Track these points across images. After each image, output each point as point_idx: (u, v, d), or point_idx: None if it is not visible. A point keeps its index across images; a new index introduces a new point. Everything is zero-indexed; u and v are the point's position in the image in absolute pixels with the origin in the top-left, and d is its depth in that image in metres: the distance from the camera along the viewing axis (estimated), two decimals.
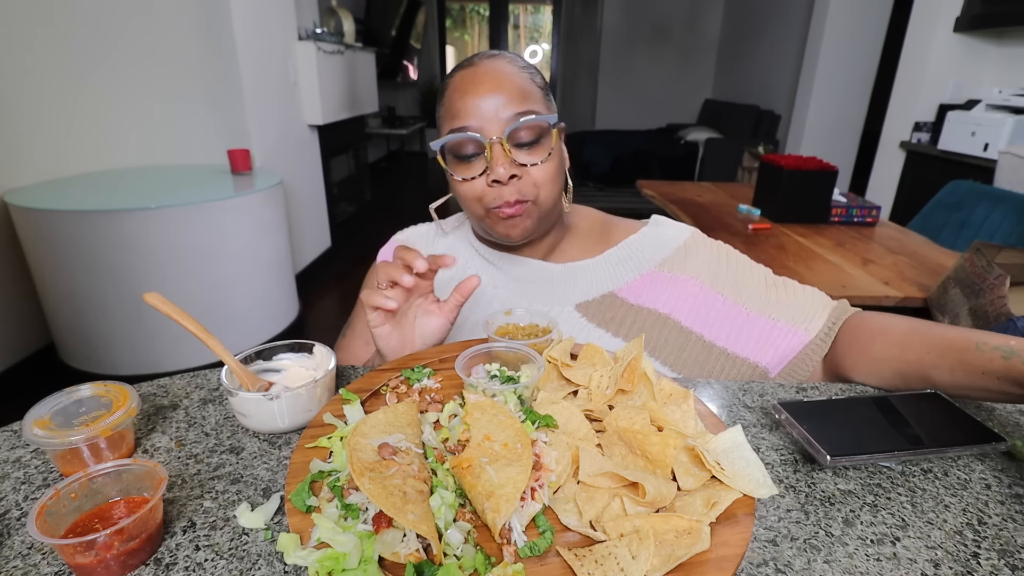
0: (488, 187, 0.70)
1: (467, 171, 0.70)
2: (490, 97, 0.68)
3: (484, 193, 0.70)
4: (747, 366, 0.75)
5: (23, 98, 2.13)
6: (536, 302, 0.79)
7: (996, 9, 2.65)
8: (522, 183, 0.69)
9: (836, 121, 4.21)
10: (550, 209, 0.73)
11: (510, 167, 0.68)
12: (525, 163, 0.69)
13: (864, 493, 0.49)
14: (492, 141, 0.67)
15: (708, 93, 6.76)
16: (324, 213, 3.62)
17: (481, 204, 0.71)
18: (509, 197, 0.69)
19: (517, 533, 0.40)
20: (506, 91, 0.68)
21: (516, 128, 0.67)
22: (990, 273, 1.23)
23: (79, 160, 2.43)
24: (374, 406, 0.56)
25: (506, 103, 0.68)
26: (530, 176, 0.70)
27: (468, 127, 0.68)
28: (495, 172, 0.67)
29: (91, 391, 0.54)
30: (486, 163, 0.69)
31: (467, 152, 0.69)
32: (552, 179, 0.71)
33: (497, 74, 0.69)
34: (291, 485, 0.44)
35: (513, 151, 0.68)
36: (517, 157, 0.69)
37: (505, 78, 0.69)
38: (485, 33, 7.88)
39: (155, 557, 0.42)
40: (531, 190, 0.70)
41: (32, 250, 2.06)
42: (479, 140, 0.67)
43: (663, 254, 0.81)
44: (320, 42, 3.13)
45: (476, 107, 0.68)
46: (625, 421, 0.48)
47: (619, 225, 0.88)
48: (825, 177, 1.98)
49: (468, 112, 0.68)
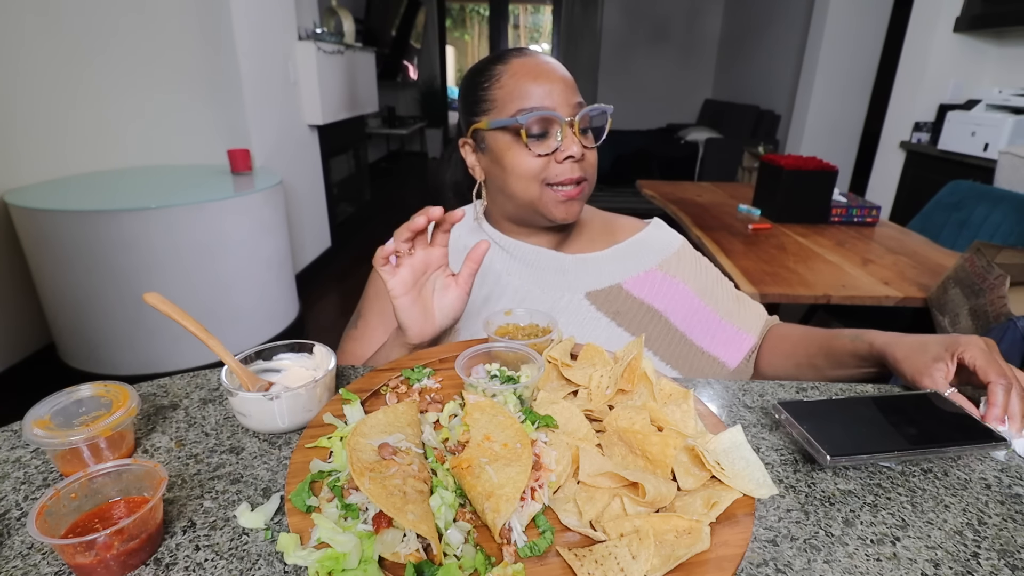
0: (558, 163, 0.75)
1: (539, 147, 0.75)
2: (559, 84, 0.75)
3: (548, 169, 0.76)
4: (713, 361, 0.86)
5: (23, 98, 2.13)
6: (549, 289, 0.83)
7: (996, 9, 2.65)
8: (583, 164, 0.76)
9: (836, 121, 4.21)
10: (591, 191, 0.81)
11: (579, 146, 0.75)
12: (587, 146, 0.77)
13: (864, 493, 0.49)
14: (570, 121, 0.74)
15: (708, 93, 6.76)
16: (324, 213, 3.62)
17: (539, 181, 0.76)
18: (574, 174, 0.75)
19: (517, 533, 0.40)
20: (568, 82, 0.77)
21: (586, 114, 0.75)
22: (990, 273, 1.23)
23: (79, 160, 2.43)
24: (374, 406, 0.56)
25: (572, 91, 0.76)
26: (587, 159, 0.77)
27: (544, 107, 0.74)
28: (570, 149, 0.74)
29: (91, 391, 0.54)
30: (556, 143, 0.75)
31: (540, 130, 0.75)
32: (596, 166, 0.80)
33: (558, 67, 0.78)
34: (291, 485, 0.44)
35: (578, 134, 0.76)
36: (582, 140, 0.76)
37: (564, 71, 0.78)
38: (485, 33, 7.88)
39: (155, 557, 0.42)
40: (589, 171, 0.78)
41: (32, 250, 2.06)
42: (558, 119, 0.74)
43: (663, 255, 0.89)
44: (320, 42, 3.13)
45: (550, 91, 0.74)
46: (625, 421, 0.48)
47: (623, 222, 0.94)
48: (825, 177, 1.98)
49: (543, 95, 0.74)
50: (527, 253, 0.85)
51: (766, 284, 1.43)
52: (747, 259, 1.61)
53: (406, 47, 6.46)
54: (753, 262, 1.59)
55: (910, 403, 0.58)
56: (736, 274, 1.49)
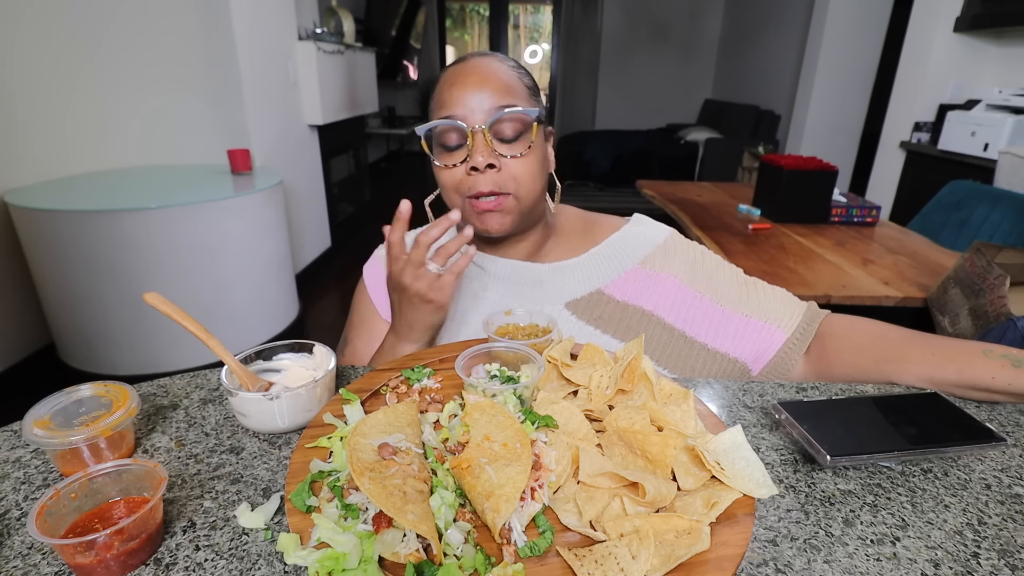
0: (467, 175, 0.71)
1: (449, 159, 0.72)
2: (476, 89, 0.70)
3: (462, 181, 0.72)
4: (727, 361, 0.77)
5: (23, 98, 2.13)
6: (526, 302, 0.80)
7: (996, 9, 2.65)
8: (500, 175, 0.70)
9: (836, 121, 4.21)
10: (531, 206, 0.74)
11: (488, 156, 0.69)
12: (505, 154, 0.70)
13: (864, 493, 0.49)
14: (474, 130, 0.69)
15: (708, 93, 6.76)
16: (324, 213, 3.62)
17: (458, 194, 0.73)
18: (484, 187, 0.70)
19: (517, 533, 0.40)
20: (491, 85, 0.70)
21: (498, 119, 0.69)
22: (990, 273, 1.23)
23: (79, 160, 2.43)
24: (374, 406, 0.56)
25: (490, 96, 0.70)
26: (509, 169, 0.71)
27: (453, 115, 0.70)
28: (474, 159, 0.69)
29: (91, 391, 0.54)
30: (467, 152, 0.70)
31: (451, 142, 0.71)
32: (531, 174, 0.72)
33: (484, 69, 0.72)
34: (291, 485, 0.44)
35: (494, 143, 0.70)
36: (498, 148, 0.70)
37: (491, 73, 0.71)
38: (485, 33, 7.88)
39: (155, 557, 0.42)
40: (509, 183, 0.71)
41: (32, 250, 2.06)
42: (462, 128, 0.69)
43: (645, 251, 0.83)
44: (320, 42, 3.13)
45: (461, 98, 0.70)
46: (625, 421, 0.48)
47: (602, 223, 0.89)
48: (825, 177, 1.98)
49: (454, 102, 0.70)
50: (501, 268, 0.81)
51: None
52: (747, 259, 1.61)
53: (406, 47, 6.46)
54: (753, 262, 1.59)
55: (910, 403, 0.58)
56: None
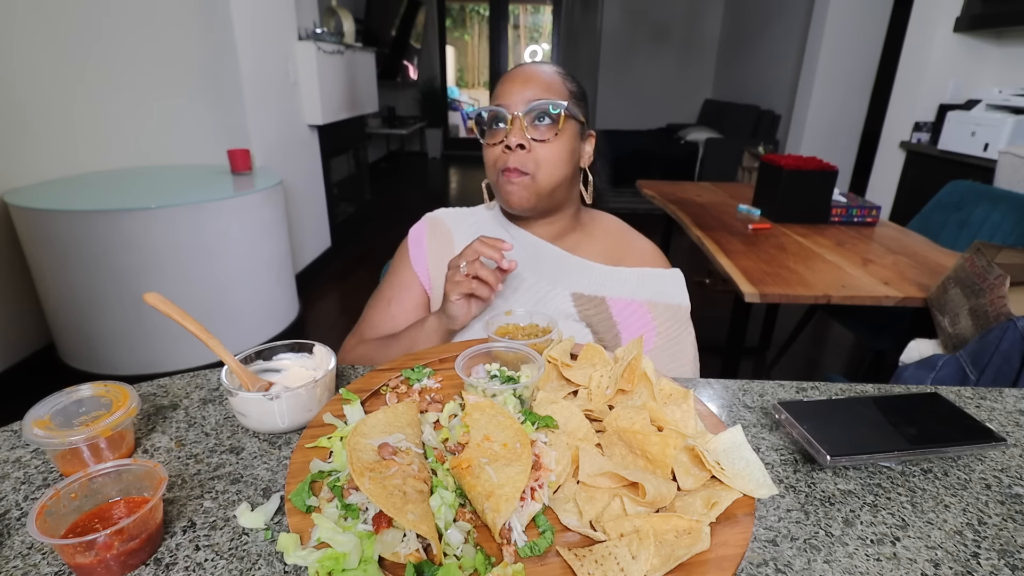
0: (503, 153, 0.82)
1: (492, 138, 0.84)
2: (518, 83, 0.83)
3: (499, 158, 0.83)
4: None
5: (23, 98, 2.13)
6: (543, 277, 0.88)
7: (996, 9, 2.65)
8: (527, 156, 0.81)
9: (836, 121, 4.20)
10: (550, 190, 0.84)
11: (520, 137, 0.80)
12: (536, 139, 0.81)
13: (864, 493, 0.49)
14: (514, 116, 0.81)
15: (708, 93, 6.75)
16: (324, 213, 3.62)
17: (495, 168, 0.84)
18: (511, 163, 0.82)
19: (517, 533, 0.40)
20: (534, 83, 0.83)
21: (531, 109, 0.81)
22: (990, 273, 1.23)
23: (79, 160, 2.43)
24: (374, 406, 0.56)
25: (532, 91, 0.82)
26: (537, 153, 0.82)
27: (500, 103, 0.83)
28: (508, 139, 0.81)
29: (91, 391, 0.54)
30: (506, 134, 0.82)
31: (494, 124, 0.83)
32: (554, 160, 0.82)
33: (532, 71, 0.85)
34: (291, 485, 0.44)
35: (528, 128, 0.81)
36: (531, 133, 0.82)
37: (537, 74, 0.84)
38: (485, 33, 7.88)
39: (155, 557, 0.42)
40: (531, 163, 0.82)
41: (32, 250, 2.06)
42: (503, 113, 0.82)
43: (660, 299, 0.90)
44: (320, 42, 3.13)
45: (508, 91, 0.83)
46: (625, 421, 0.48)
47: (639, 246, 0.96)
48: (825, 177, 1.97)
49: (503, 94, 0.83)
50: (529, 242, 0.90)
51: (766, 284, 1.43)
52: (747, 259, 1.61)
53: (406, 47, 6.46)
54: (753, 262, 1.59)
55: (910, 403, 0.58)
56: (736, 274, 1.49)
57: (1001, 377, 1.07)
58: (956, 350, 1.21)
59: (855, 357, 2.71)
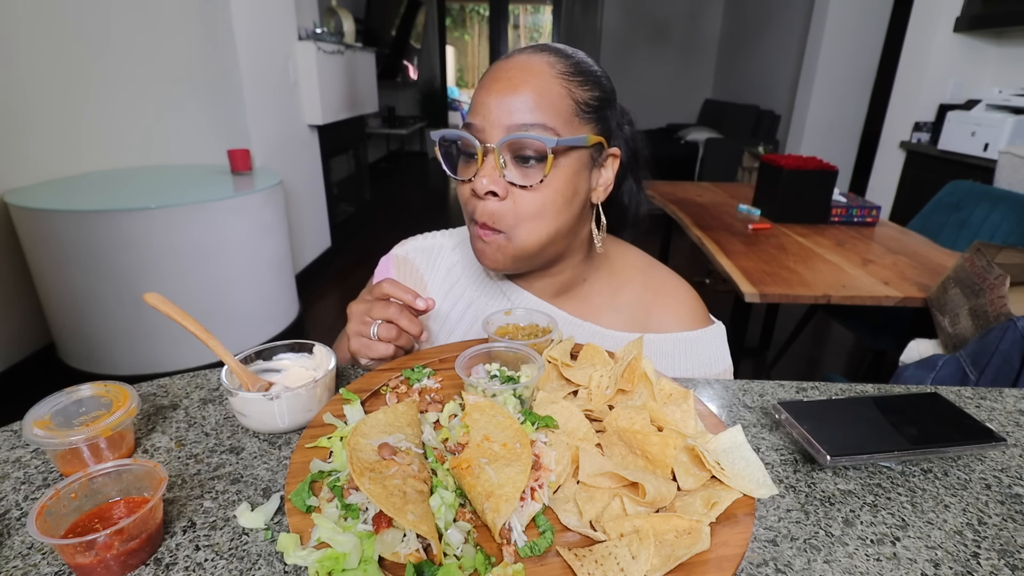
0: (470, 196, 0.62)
1: (462, 171, 0.63)
2: (503, 97, 0.59)
3: (468, 200, 0.63)
4: None
5: (23, 98, 2.13)
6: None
7: (996, 9, 2.65)
8: (501, 206, 0.60)
9: (836, 121, 4.21)
10: (536, 251, 0.63)
11: (493, 181, 0.59)
12: (516, 183, 0.60)
13: (864, 493, 0.49)
14: (485, 147, 0.59)
15: (708, 93, 6.75)
16: (324, 213, 3.62)
17: (467, 213, 0.64)
18: (479, 217, 0.61)
19: (517, 533, 0.40)
20: (523, 95, 0.58)
21: (510, 140, 0.58)
22: (990, 273, 1.23)
23: (79, 160, 2.43)
24: (374, 406, 0.56)
25: (519, 108, 0.58)
26: (515, 202, 0.60)
27: (474, 124, 0.60)
28: (476, 181, 0.60)
29: (91, 391, 0.54)
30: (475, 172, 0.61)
31: (466, 151, 0.62)
32: (536, 212, 0.60)
33: (523, 73, 0.59)
34: (291, 485, 0.44)
35: (510, 165, 0.60)
36: (509, 174, 0.60)
37: (528, 80, 0.59)
38: (485, 33, 7.88)
39: (155, 557, 0.42)
40: (508, 220, 0.60)
41: (32, 250, 2.06)
42: (471, 143, 0.59)
43: (705, 371, 0.71)
44: (320, 42, 3.13)
45: (486, 105, 0.59)
46: (625, 421, 0.48)
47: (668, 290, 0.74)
48: (825, 177, 1.98)
49: (478, 107, 0.60)
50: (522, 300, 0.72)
51: (766, 284, 1.43)
52: (747, 259, 1.61)
53: (406, 47, 6.46)
54: (753, 262, 1.59)
55: (910, 403, 0.58)
56: (736, 274, 1.49)
57: (1001, 377, 1.07)
58: (956, 350, 1.22)
59: (855, 357, 2.71)
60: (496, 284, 0.74)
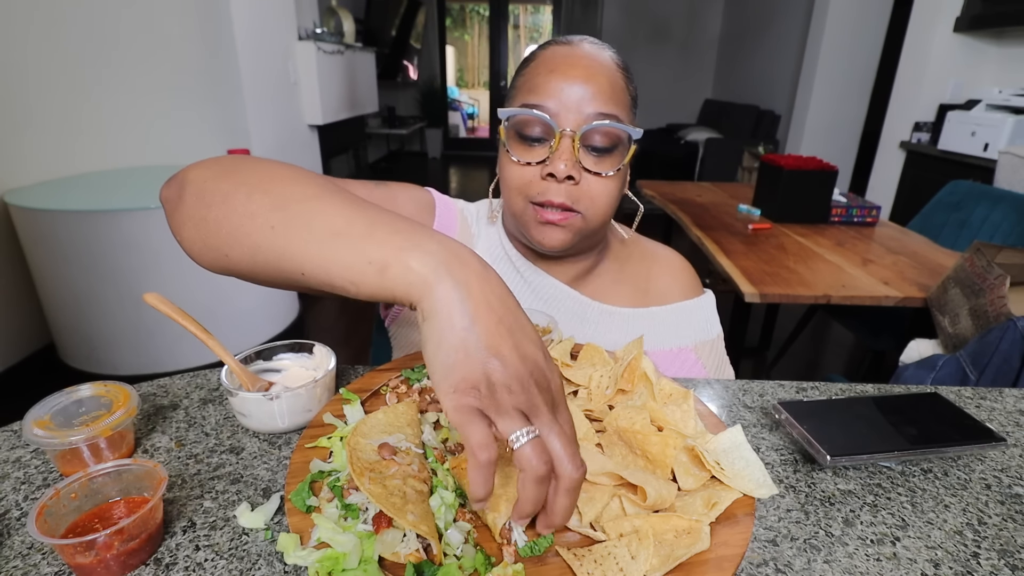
0: (540, 179, 0.62)
1: (525, 154, 0.62)
2: (579, 84, 0.60)
3: (531, 183, 0.63)
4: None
5: (23, 98, 2.13)
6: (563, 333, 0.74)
7: (996, 9, 2.65)
8: (577, 190, 0.62)
9: (836, 121, 4.21)
10: (597, 230, 0.67)
11: (571, 167, 0.60)
12: (590, 169, 0.62)
13: (864, 493, 0.49)
14: (564, 132, 0.60)
15: (708, 93, 6.76)
16: None
17: (523, 196, 0.64)
18: (556, 198, 0.61)
19: (517, 533, 0.40)
20: (597, 84, 0.60)
21: (594, 128, 0.60)
22: (990, 273, 1.23)
23: (79, 160, 2.43)
24: (374, 406, 0.56)
25: (593, 97, 0.60)
26: (588, 186, 0.62)
27: (544, 107, 0.60)
28: (554, 165, 0.60)
29: (91, 391, 0.54)
30: (548, 152, 0.61)
31: (533, 134, 0.62)
32: (610, 197, 0.64)
33: (594, 62, 0.62)
34: (291, 485, 0.44)
35: (582, 152, 0.61)
36: (584, 160, 0.61)
37: (602, 69, 0.61)
38: (485, 33, 7.88)
39: (155, 557, 0.42)
40: (584, 202, 0.63)
41: (32, 250, 2.06)
42: (551, 125, 0.60)
43: (703, 337, 0.77)
44: (320, 42, 3.13)
45: (560, 89, 0.60)
46: (625, 421, 0.48)
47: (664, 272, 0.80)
48: (825, 177, 1.98)
49: (550, 91, 0.60)
50: (545, 287, 0.73)
51: (766, 284, 1.43)
52: (747, 259, 1.61)
53: (406, 47, 6.46)
54: (753, 262, 1.59)
55: (910, 403, 0.58)
56: (736, 274, 1.49)
57: (1001, 377, 1.08)
58: (956, 350, 1.22)
59: (855, 357, 2.71)
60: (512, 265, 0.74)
